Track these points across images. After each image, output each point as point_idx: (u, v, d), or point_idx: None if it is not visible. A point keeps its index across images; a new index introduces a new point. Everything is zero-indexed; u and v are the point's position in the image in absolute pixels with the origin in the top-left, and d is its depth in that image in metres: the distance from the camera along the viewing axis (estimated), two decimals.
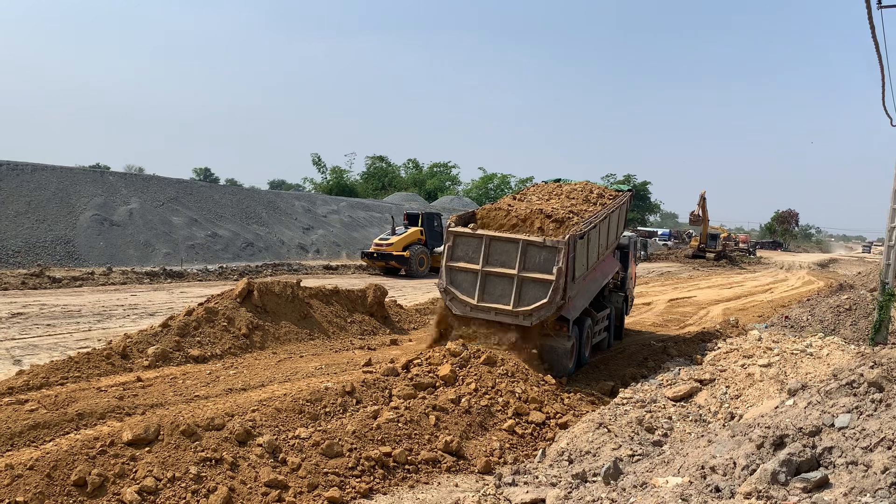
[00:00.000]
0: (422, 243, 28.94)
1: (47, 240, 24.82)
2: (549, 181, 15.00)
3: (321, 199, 45.21)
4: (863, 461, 3.71)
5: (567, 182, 14.76)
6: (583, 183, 14.53)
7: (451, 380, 9.42)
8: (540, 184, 14.87)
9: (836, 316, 16.19)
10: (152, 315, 15.45)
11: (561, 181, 14.89)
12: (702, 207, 49.57)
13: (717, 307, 23.80)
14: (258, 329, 12.17)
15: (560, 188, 14.01)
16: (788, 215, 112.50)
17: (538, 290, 10.89)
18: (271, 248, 33.56)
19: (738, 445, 4.36)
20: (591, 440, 7.72)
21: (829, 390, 4.99)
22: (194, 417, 7.16)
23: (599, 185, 14.73)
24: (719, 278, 38.26)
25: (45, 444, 6.60)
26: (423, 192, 65.05)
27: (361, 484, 6.97)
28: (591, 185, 14.50)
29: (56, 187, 27.83)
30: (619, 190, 14.94)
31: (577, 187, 14.00)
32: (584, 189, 13.89)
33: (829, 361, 9.74)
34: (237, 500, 6.30)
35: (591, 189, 14.02)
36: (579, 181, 14.77)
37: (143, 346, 10.52)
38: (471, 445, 8.24)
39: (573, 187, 14.02)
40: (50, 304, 16.20)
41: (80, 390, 8.55)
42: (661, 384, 10.07)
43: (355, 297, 15.09)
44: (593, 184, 14.67)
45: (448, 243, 11.47)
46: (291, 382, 9.49)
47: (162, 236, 28.97)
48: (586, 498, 4.98)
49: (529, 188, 14.40)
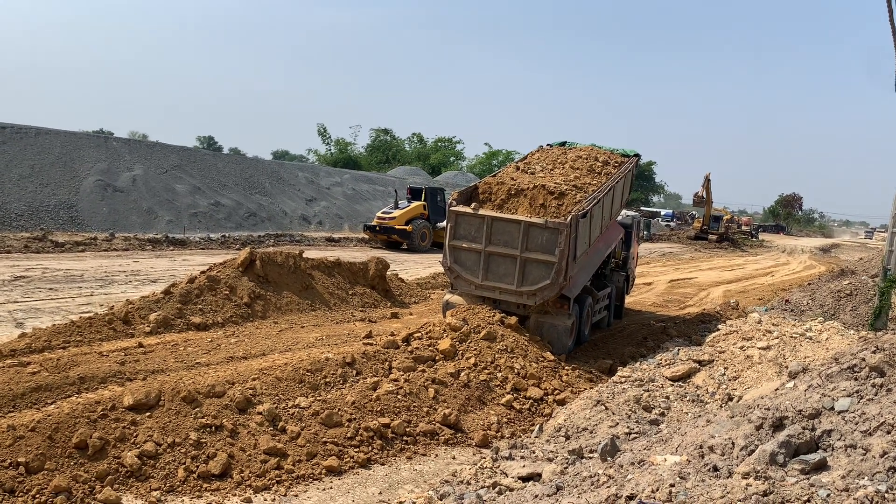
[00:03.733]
0: (424, 218, 28.87)
1: (50, 204, 24.80)
2: (554, 144, 14.57)
3: (325, 171, 45.06)
4: (862, 445, 3.72)
5: (573, 146, 14.37)
6: (588, 148, 14.09)
7: (451, 354, 9.46)
8: (545, 148, 14.41)
9: (836, 301, 16.18)
10: (154, 282, 15.48)
11: (566, 144, 14.52)
12: (706, 189, 49.31)
13: (717, 289, 23.81)
14: (260, 298, 12.19)
15: (565, 154, 13.59)
16: (792, 199, 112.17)
17: (541, 270, 10.88)
18: (274, 218, 33.53)
19: (737, 426, 4.38)
20: (589, 417, 7.76)
21: (830, 374, 4.99)
22: (195, 384, 7.20)
23: (605, 150, 14.19)
24: (721, 260, 38.23)
25: (46, 407, 6.65)
26: (427, 166, 64.83)
27: (360, 454, 7.02)
28: (597, 150, 14.03)
29: (60, 151, 27.72)
30: (624, 154, 14.37)
31: (582, 154, 13.59)
32: (590, 157, 13.48)
33: (828, 346, 9.76)
34: (236, 466, 6.36)
35: (597, 156, 13.59)
36: (585, 145, 14.37)
37: (144, 313, 10.55)
38: (469, 419, 8.29)
39: (578, 154, 13.61)
40: (52, 269, 16.22)
41: (82, 354, 8.59)
42: (660, 364, 10.10)
43: (357, 270, 15.10)
44: (598, 149, 14.18)
45: (451, 223, 11.42)
46: (292, 352, 9.53)
47: (165, 203, 28.93)
48: (583, 473, 5.01)
49: (534, 154, 13.96)
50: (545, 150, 14.21)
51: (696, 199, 51.00)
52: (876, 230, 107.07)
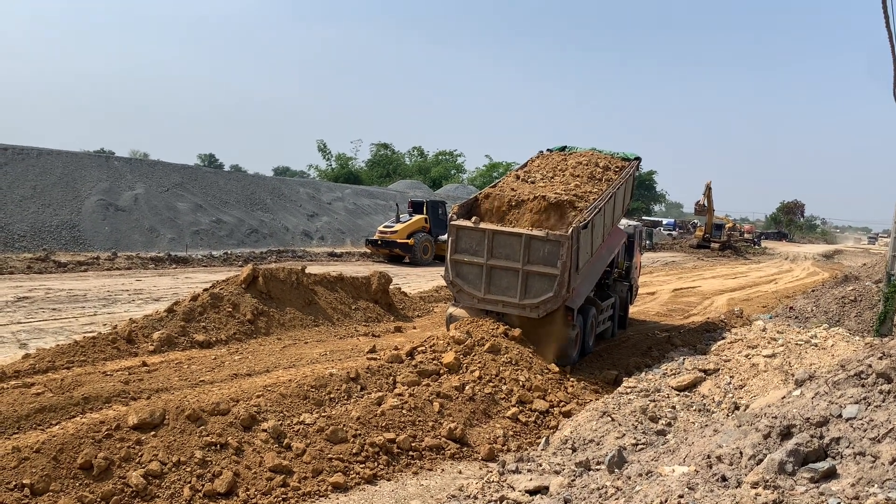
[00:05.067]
0: (426, 231, 28.89)
1: (52, 224, 24.86)
2: (554, 149, 14.52)
3: (326, 187, 45.17)
4: (871, 452, 3.69)
5: (573, 150, 14.31)
6: (589, 153, 14.02)
7: (456, 367, 9.43)
8: (545, 153, 14.36)
9: (840, 307, 16.13)
10: (157, 300, 15.49)
11: (567, 149, 14.45)
12: (707, 197, 49.35)
13: (721, 297, 23.76)
14: (263, 315, 12.18)
15: (565, 161, 13.51)
16: (794, 206, 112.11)
17: (544, 283, 10.86)
18: (276, 234, 33.57)
19: (744, 435, 4.35)
20: (595, 429, 7.72)
21: (836, 381, 4.97)
22: (199, 402, 7.18)
23: (606, 155, 14.14)
24: (724, 268, 38.18)
25: (51, 428, 6.64)
26: (428, 179, 64.99)
27: (365, 470, 6.99)
28: (597, 155, 13.97)
29: (61, 172, 27.83)
30: (625, 158, 14.32)
31: (582, 160, 13.49)
32: (590, 162, 13.41)
33: (833, 353, 9.72)
34: (242, 484, 6.33)
35: (597, 162, 13.53)
36: (585, 150, 14.31)
37: (148, 331, 10.55)
38: (474, 433, 8.26)
39: (578, 159, 13.52)
40: (55, 289, 16.24)
41: (86, 374, 8.58)
42: (665, 374, 10.06)
43: (360, 284, 15.10)
44: (599, 153, 14.12)
45: (452, 237, 11.41)
46: (296, 368, 9.52)
47: (167, 222, 29.00)
48: (590, 486, 4.99)
49: (534, 161, 13.89)
50: (545, 157, 14.15)
51: (698, 207, 51.05)
52: (879, 235, 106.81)
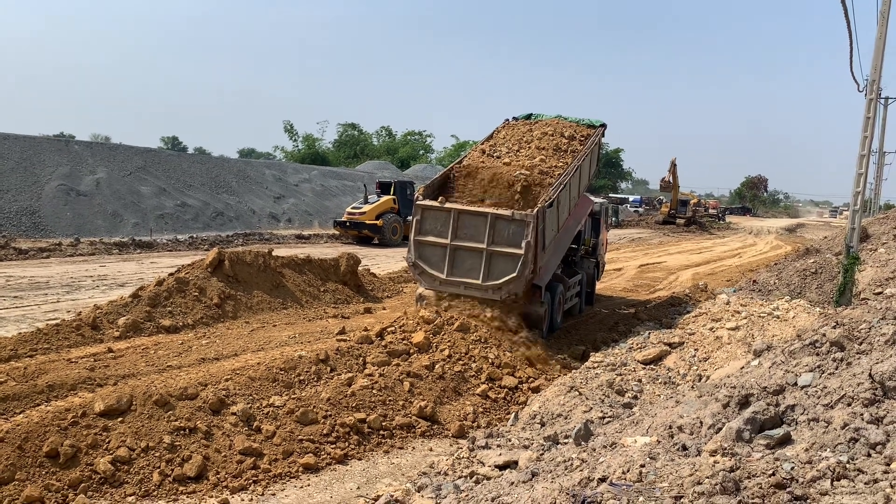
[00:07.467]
0: (395, 212, 28.81)
1: (11, 210, 24.28)
2: (520, 118, 14.50)
3: (292, 168, 44.73)
4: (824, 418, 3.82)
5: (539, 118, 14.32)
6: (554, 121, 14.01)
7: (425, 346, 9.49)
8: (511, 122, 14.34)
9: (802, 279, 16.50)
10: (122, 286, 15.26)
11: (532, 116, 14.46)
12: (672, 174, 49.93)
13: (686, 272, 24.14)
14: (230, 299, 12.10)
15: (531, 132, 13.48)
16: (757, 181, 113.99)
17: (507, 263, 10.85)
18: (242, 217, 33.21)
19: (704, 405, 4.47)
20: (563, 403, 7.84)
21: (792, 350, 5.12)
22: (167, 387, 7.13)
23: (571, 123, 14.18)
24: (689, 244, 38.74)
25: (15, 417, 6.54)
26: (396, 160, 64.68)
27: (336, 450, 7.03)
28: (563, 123, 13.97)
29: (19, 157, 27.14)
30: (591, 125, 14.34)
31: (548, 130, 13.46)
32: (556, 132, 13.39)
33: (794, 324, 9.97)
34: (212, 468, 6.33)
35: (563, 131, 13.51)
36: (551, 117, 14.33)
37: (113, 317, 10.42)
38: (445, 410, 8.34)
39: (544, 130, 13.49)
40: (17, 276, 15.91)
41: (50, 362, 8.46)
42: (632, 348, 10.24)
43: (328, 266, 15.04)
44: (565, 121, 14.13)
45: (416, 217, 11.36)
46: (265, 351, 9.48)
47: (130, 206, 28.50)
48: (557, 459, 5.08)
49: (500, 131, 13.82)
50: (511, 126, 14.10)
51: (664, 184, 51.66)
52: (840, 209, 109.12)
